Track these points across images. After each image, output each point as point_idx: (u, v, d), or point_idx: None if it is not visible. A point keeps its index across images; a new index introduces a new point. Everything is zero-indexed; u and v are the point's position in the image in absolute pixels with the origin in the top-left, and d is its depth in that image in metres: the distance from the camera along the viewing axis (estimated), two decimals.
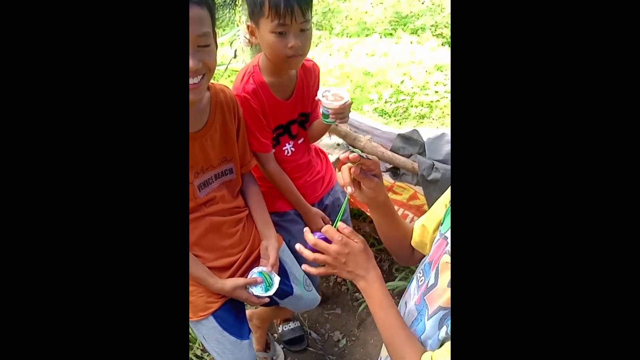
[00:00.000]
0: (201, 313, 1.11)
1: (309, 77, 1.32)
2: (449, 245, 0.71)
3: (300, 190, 1.38)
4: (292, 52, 1.13)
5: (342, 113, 1.21)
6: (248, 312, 1.62)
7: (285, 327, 1.76)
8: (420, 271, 0.80)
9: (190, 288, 1.11)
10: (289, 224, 1.39)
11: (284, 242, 1.32)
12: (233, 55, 2.06)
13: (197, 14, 0.88)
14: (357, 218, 2.11)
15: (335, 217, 1.51)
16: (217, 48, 0.97)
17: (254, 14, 1.12)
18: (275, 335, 1.79)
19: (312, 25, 1.19)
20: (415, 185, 1.72)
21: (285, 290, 1.27)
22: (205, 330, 1.14)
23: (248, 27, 1.18)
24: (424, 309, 0.73)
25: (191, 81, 0.91)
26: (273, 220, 1.38)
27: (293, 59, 1.15)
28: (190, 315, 1.12)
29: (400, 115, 3.12)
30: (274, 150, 1.31)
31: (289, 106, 1.28)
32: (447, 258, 0.71)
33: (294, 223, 1.40)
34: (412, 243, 0.90)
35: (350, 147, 0.79)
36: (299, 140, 1.37)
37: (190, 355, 1.62)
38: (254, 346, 1.61)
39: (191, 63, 0.88)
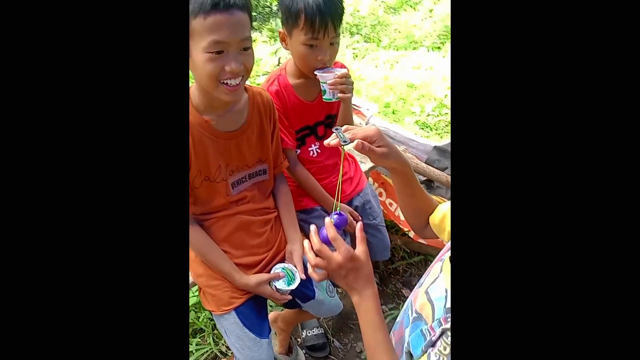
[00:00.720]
0: (224, 307, 1.15)
1: None
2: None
3: (326, 191, 1.40)
4: (321, 64, 1.19)
5: (341, 85, 1.18)
6: (273, 314, 1.65)
7: (309, 333, 1.77)
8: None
9: (215, 282, 1.15)
10: (316, 220, 1.41)
11: None
12: (277, 62, 2.13)
13: (240, 19, 0.92)
14: (389, 230, 2.09)
15: (365, 218, 1.52)
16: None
17: (288, 23, 1.18)
18: (299, 340, 1.80)
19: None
20: (449, 199, 1.69)
21: (307, 293, 1.28)
22: (227, 325, 1.17)
23: (280, 33, 1.23)
24: (410, 304, 0.73)
25: (232, 82, 0.95)
26: (300, 218, 1.40)
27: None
28: (214, 308, 1.16)
29: (442, 129, 3.06)
30: (298, 151, 1.34)
31: (314, 108, 1.32)
32: (439, 265, 0.70)
33: (322, 220, 1.41)
34: (430, 220, 0.89)
35: (335, 130, 0.81)
36: None
37: (215, 351, 1.66)
38: (277, 349, 1.63)
39: (234, 65, 0.92)
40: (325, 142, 0.79)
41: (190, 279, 1.21)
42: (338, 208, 0.85)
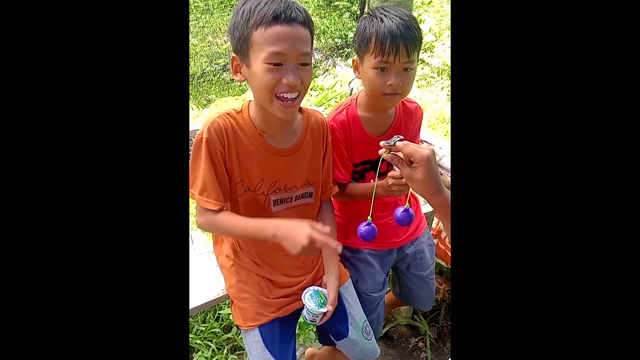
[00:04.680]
0: (250, 323, 1.13)
1: (409, 119, 1.30)
2: None
3: (379, 231, 1.33)
4: (391, 90, 1.12)
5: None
6: (310, 350, 1.59)
7: None
8: None
9: (245, 295, 1.15)
10: (360, 263, 1.35)
11: (349, 279, 1.28)
12: (349, 93, 2.15)
13: (301, 34, 0.93)
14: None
15: (414, 268, 1.42)
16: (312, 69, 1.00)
17: (360, 49, 1.16)
18: None
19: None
20: None
21: (340, 330, 1.22)
22: (250, 342, 1.15)
23: (353, 61, 1.22)
24: None
25: (288, 96, 0.95)
26: (345, 254, 1.35)
27: (390, 97, 1.14)
28: (241, 323, 1.15)
29: None
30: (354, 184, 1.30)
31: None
32: None
33: (365, 264, 1.35)
34: None
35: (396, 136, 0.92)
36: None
37: None
38: None
39: (291, 78, 0.92)
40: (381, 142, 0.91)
41: (225, 291, 1.23)
42: (370, 219, 0.96)
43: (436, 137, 3.11)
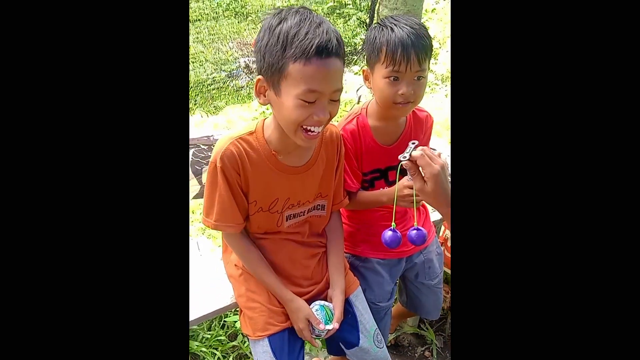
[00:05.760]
0: (259, 333, 1.13)
1: (419, 128, 1.30)
2: None
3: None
4: (402, 99, 1.11)
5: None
6: None
7: None
8: None
9: (254, 304, 1.14)
10: (368, 272, 1.34)
11: (359, 287, 1.27)
12: (357, 100, 2.15)
13: (338, 68, 0.90)
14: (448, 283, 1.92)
15: (422, 277, 1.41)
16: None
17: (370, 59, 1.15)
18: None
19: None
20: None
21: (351, 339, 1.21)
22: (259, 352, 1.14)
23: (364, 71, 1.21)
24: None
25: (314, 129, 0.94)
26: (353, 263, 1.34)
27: (402, 106, 1.14)
28: (250, 332, 1.15)
29: None
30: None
31: (389, 152, 1.26)
32: None
33: (374, 273, 1.34)
34: None
35: (411, 143, 0.94)
36: None
37: None
38: None
39: (322, 115, 0.91)
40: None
41: (233, 300, 1.22)
42: (393, 225, 1.02)
43: (441, 144, 3.11)
